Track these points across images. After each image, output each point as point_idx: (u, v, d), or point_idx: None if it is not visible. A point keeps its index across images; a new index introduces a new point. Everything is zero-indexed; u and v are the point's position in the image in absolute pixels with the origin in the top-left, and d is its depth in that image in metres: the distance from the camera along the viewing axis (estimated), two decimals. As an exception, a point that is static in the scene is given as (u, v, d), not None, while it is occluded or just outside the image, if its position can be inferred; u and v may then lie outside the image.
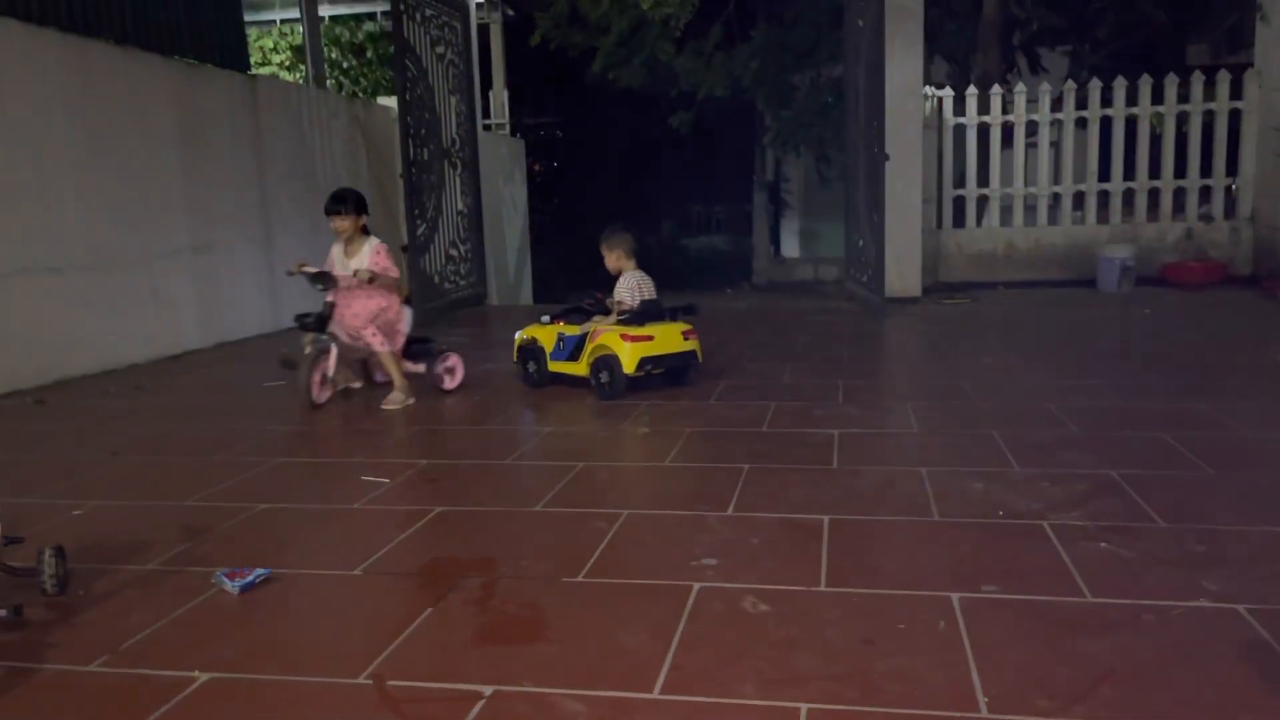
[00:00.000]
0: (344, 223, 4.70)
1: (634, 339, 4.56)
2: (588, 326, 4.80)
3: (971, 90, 9.71)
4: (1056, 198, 9.82)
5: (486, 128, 11.28)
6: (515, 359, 5.12)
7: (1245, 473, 3.15)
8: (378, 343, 4.64)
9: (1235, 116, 9.32)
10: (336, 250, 4.80)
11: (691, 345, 4.82)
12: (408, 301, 4.92)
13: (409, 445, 4.01)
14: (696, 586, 2.32)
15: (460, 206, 8.41)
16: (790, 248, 18.51)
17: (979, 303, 8.32)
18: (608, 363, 4.58)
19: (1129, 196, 9.63)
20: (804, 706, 1.75)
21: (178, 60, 6.93)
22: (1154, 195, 9.55)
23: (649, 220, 20.08)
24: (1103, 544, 2.52)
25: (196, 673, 1.96)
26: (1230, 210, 9.47)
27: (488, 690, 1.85)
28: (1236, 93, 9.28)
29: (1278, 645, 1.93)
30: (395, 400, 4.65)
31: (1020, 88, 9.74)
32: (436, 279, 7.85)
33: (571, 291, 6.67)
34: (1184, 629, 2.02)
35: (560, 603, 2.26)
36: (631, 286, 4.84)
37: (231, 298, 7.34)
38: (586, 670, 1.92)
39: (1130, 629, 2.03)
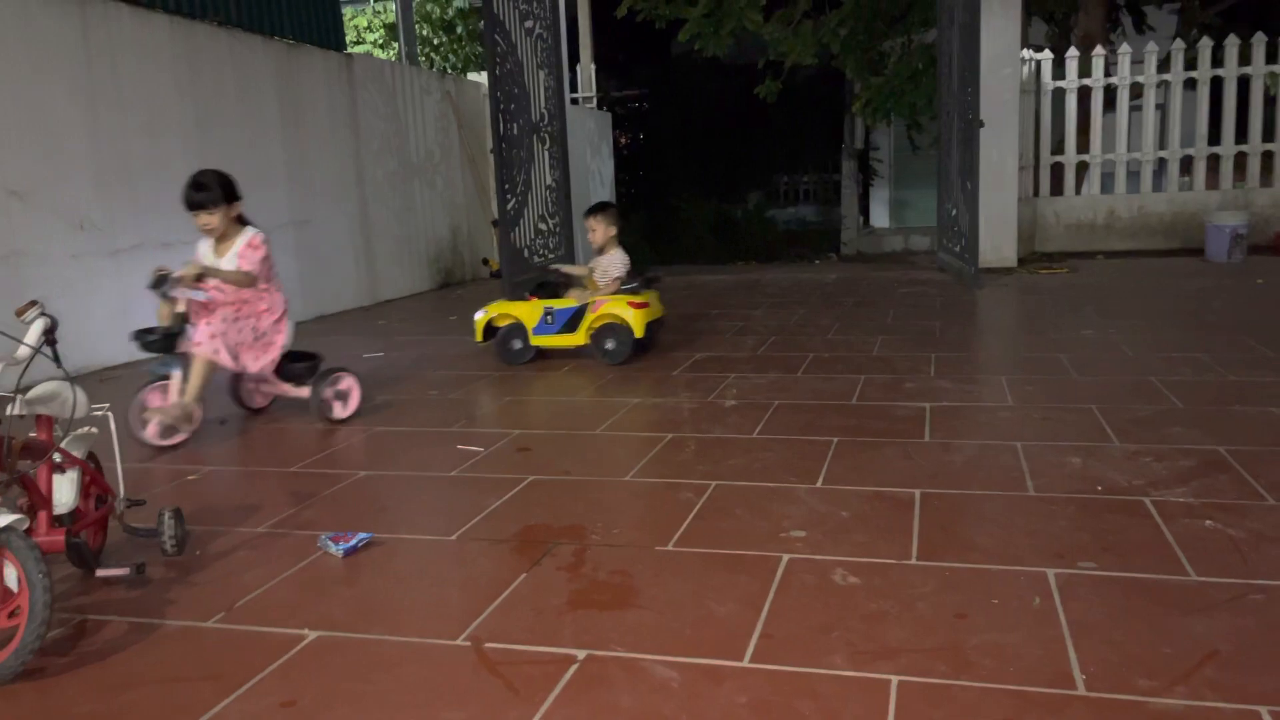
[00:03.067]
0: (211, 219, 3.82)
1: (638, 306, 4.95)
2: (585, 298, 5.02)
3: (1072, 52, 9.37)
4: (1162, 163, 9.43)
5: (574, 101, 11.32)
6: (480, 339, 5.22)
7: (1364, 450, 3.00)
8: (224, 356, 3.76)
9: (1360, 74, 8.80)
10: (204, 247, 3.94)
11: (661, 311, 5.27)
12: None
13: (499, 416, 4.10)
14: (786, 558, 2.33)
15: (549, 181, 8.47)
16: (880, 218, 18.19)
17: (1077, 273, 8.06)
18: (614, 330, 4.94)
19: (1241, 161, 9.19)
20: (894, 678, 1.75)
21: (278, 40, 7.13)
22: (1268, 159, 9.09)
23: (736, 192, 19.91)
24: (1208, 521, 2.45)
25: (306, 630, 2.06)
26: (1353, 174, 8.97)
27: (581, 654, 1.90)
28: (1362, 49, 8.75)
29: (1396, 629, 1.85)
30: (168, 414, 3.63)
31: (1124, 49, 9.35)
32: (526, 252, 7.95)
33: (650, 265, 6.72)
34: (1294, 610, 1.96)
35: (651, 571, 2.30)
36: (624, 261, 5.15)
37: (330, 271, 7.57)
38: (677, 637, 1.95)
39: (1236, 609, 1.97)
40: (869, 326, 5.86)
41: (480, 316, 5.25)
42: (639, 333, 4.90)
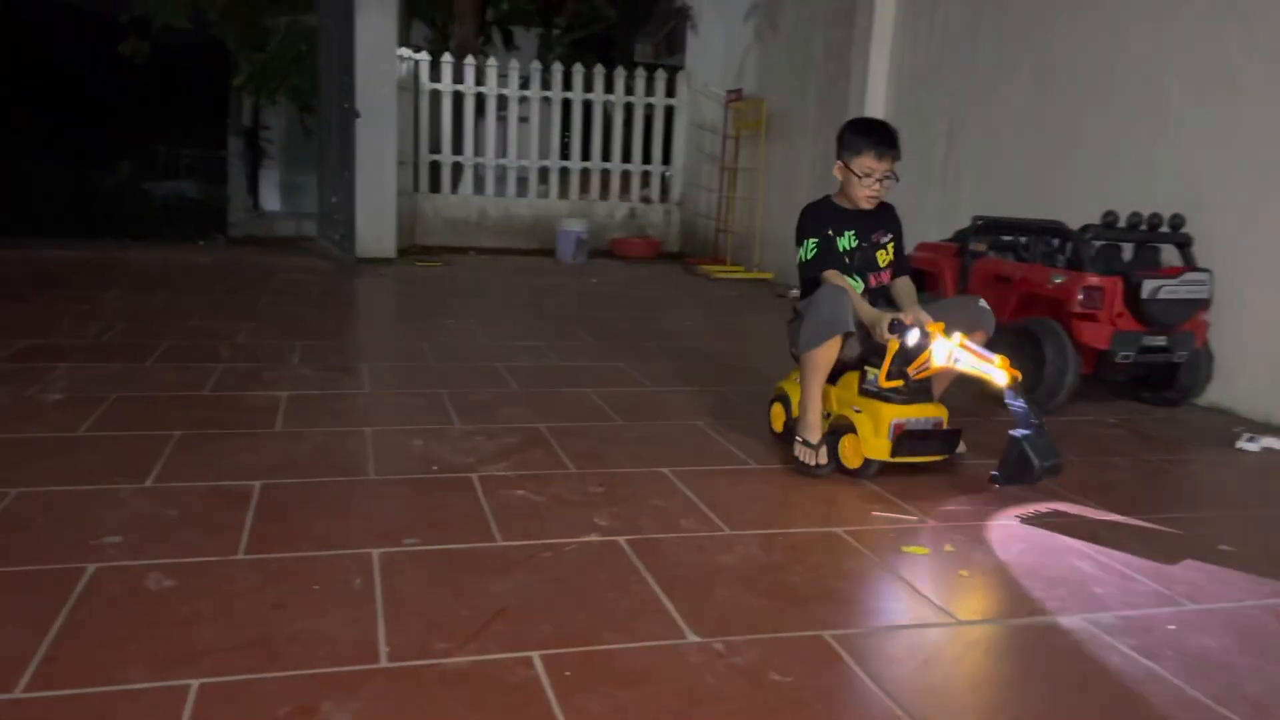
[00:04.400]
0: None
1: None
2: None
3: (447, 58, 9.94)
4: (527, 171, 10.48)
5: None
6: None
7: (641, 422, 3.64)
8: None
9: (671, 112, 10.68)
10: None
11: None
12: None
13: None
14: (91, 568, 2.10)
15: None
16: (271, 200, 17.54)
17: (450, 266, 8.60)
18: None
19: (585, 175, 10.59)
20: (195, 682, 1.67)
21: None
22: (605, 176, 10.61)
23: (104, 159, 17.65)
24: (519, 491, 2.76)
25: None
26: (664, 194, 10.87)
27: None
28: (672, 90, 10.62)
29: (644, 568, 2.26)
30: None
31: (492, 62, 10.19)
32: None
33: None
34: (574, 563, 2.29)
35: (-93, 604, 1.91)
36: None
37: None
38: (-70, 679, 1.64)
39: (529, 567, 2.24)
40: (237, 313, 5.59)
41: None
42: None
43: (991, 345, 2.98)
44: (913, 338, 2.87)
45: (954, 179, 6.18)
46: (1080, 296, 3.96)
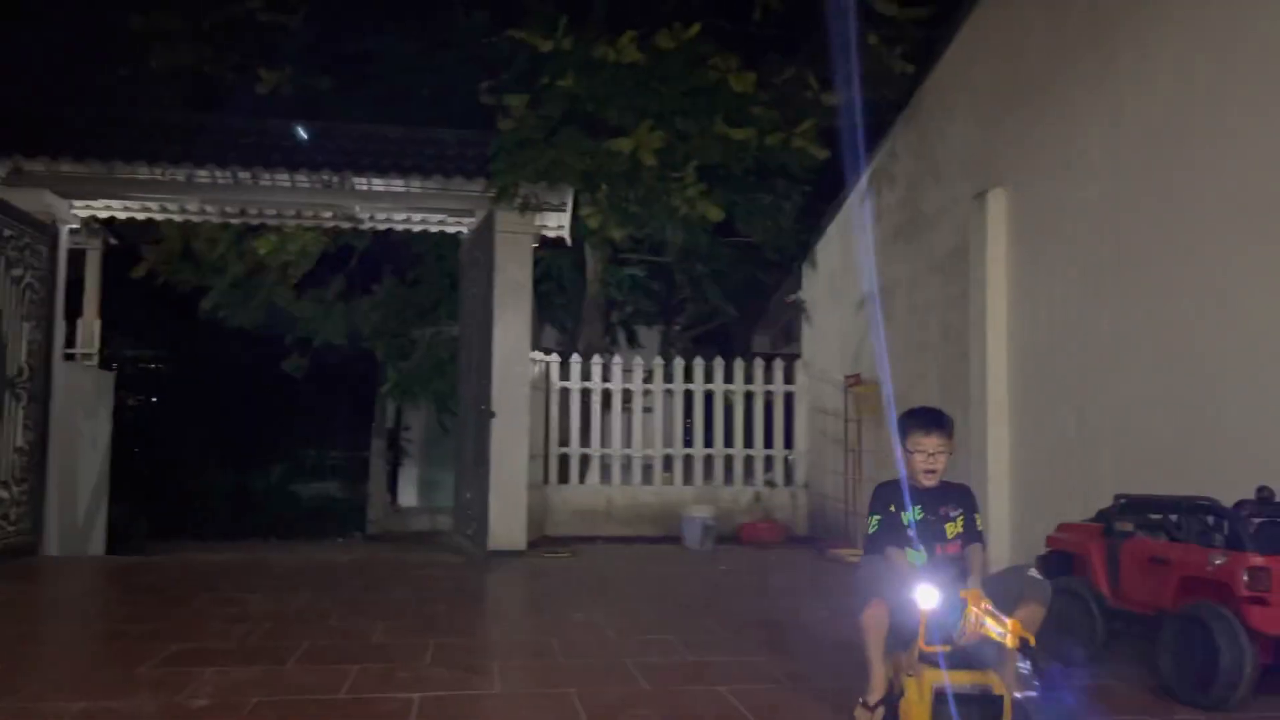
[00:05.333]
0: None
1: None
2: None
3: (576, 358, 10.56)
4: (651, 459, 10.72)
5: (70, 357, 10.29)
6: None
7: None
8: None
9: (791, 398, 10.92)
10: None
11: None
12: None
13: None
14: None
15: (20, 442, 7.46)
16: (408, 496, 18.24)
17: (579, 556, 8.65)
18: None
19: (709, 462, 10.75)
20: None
21: None
22: (729, 461, 10.74)
23: (258, 463, 18.94)
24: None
25: None
26: (789, 478, 10.87)
27: None
28: (791, 377, 10.92)
29: None
30: None
31: (617, 360, 10.77)
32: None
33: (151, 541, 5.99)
34: None
35: None
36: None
37: None
38: None
39: None
40: (374, 612, 5.70)
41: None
42: None
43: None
44: (928, 600, 2.97)
45: (1089, 456, 6.02)
46: (1245, 579, 3.68)
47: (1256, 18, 4.88)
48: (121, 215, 8.93)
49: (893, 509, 3.45)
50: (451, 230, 9.50)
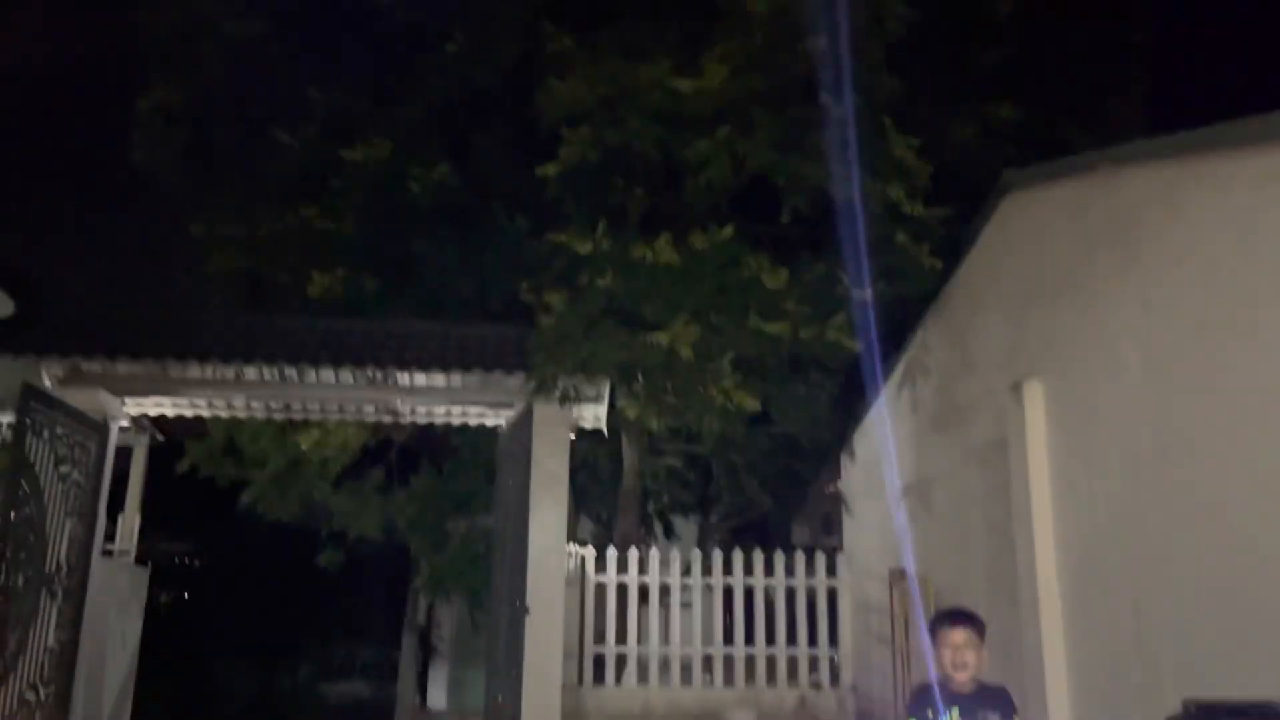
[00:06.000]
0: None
1: None
2: None
3: (611, 551, 10.40)
4: (690, 658, 10.33)
5: (109, 553, 10.31)
6: None
7: None
8: None
9: (834, 593, 10.59)
10: None
11: None
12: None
13: None
14: None
15: (51, 642, 7.37)
16: (437, 697, 17.59)
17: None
18: None
19: (751, 661, 10.33)
20: None
21: None
22: (771, 661, 10.33)
23: (285, 661, 18.53)
24: None
25: None
26: (835, 679, 10.39)
27: None
28: (833, 570, 10.63)
29: None
30: None
31: (654, 552, 10.59)
32: (-5, 728, 6.60)
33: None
34: None
35: None
36: None
37: None
38: None
39: None
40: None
41: None
42: None
43: None
44: None
45: (1150, 657, 5.72)
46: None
47: (1270, 203, 4.98)
48: (171, 413, 9.16)
49: (930, 714, 3.47)
50: (490, 423, 9.62)
